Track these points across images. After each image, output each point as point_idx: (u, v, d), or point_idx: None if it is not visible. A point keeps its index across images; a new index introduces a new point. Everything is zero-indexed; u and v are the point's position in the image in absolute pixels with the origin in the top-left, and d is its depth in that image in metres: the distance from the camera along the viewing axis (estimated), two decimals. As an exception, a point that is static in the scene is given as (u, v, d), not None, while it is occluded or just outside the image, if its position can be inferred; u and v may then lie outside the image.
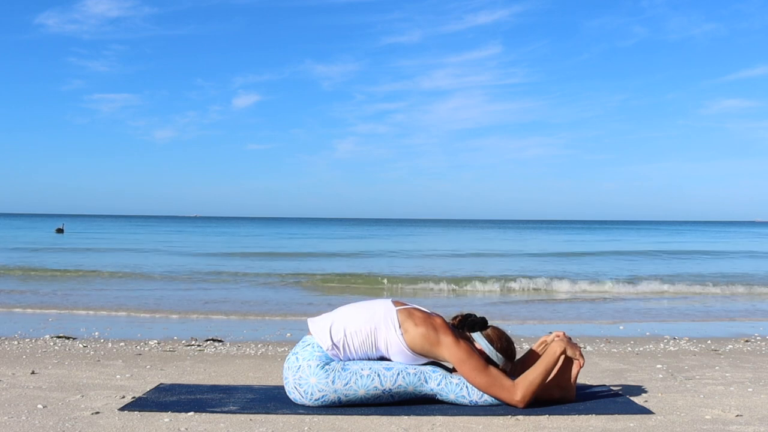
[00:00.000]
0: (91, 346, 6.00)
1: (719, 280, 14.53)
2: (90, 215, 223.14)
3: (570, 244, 37.34)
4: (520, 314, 9.75)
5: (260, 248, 29.52)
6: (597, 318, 9.32)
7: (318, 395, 3.32)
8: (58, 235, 43.74)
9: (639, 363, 5.10)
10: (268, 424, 3.09)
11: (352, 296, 11.85)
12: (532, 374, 3.34)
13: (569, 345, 3.46)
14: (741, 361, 5.25)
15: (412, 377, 3.34)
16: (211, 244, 33.68)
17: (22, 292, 11.85)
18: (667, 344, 6.50)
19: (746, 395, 3.80)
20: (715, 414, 3.33)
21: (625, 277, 15.92)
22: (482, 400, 3.36)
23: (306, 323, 3.55)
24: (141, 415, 3.22)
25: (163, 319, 8.67)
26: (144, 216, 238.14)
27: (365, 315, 3.39)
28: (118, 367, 4.73)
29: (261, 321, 8.73)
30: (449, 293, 12.65)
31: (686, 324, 8.67)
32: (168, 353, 5.62)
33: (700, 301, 11.56)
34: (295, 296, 12.16)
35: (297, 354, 3.39)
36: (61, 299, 10.84)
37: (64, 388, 3.84)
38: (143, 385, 4.00)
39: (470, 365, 3.27)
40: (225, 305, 10.46)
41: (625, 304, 11.10)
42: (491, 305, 10.89)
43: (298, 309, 10.10)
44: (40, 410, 3.28)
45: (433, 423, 3.11)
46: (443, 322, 3.38)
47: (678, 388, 4.01)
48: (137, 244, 32.95)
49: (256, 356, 5.55)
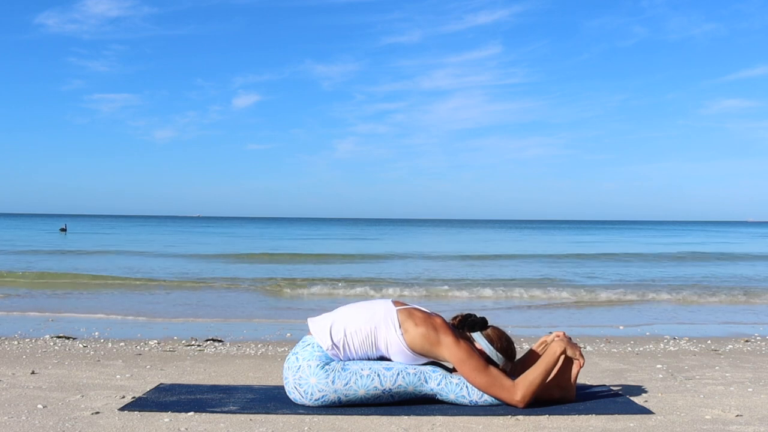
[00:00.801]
0: (91, 346, 6.00)
1: (719, 280, 14.53)
2: (90, 215, 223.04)
3: (572, 246, 37.36)
4: (531, 320, 9.75)
5: (270, 250, 28.98)
6: (596, 318, 9.33)
7: (318, 395, 3.32)
8: (63, 235, 44.75)
9: (639, 363, 5.10)
10: (268, 424, 3.09)
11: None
12: (532, 374, 3.35)
13: (569, 345, 3.46)
14: (741, 361, 5.25)
15: (412, 377, 3.35)
16: (218, 246, 33.28)
17: (34, 297, 11.86)
18: (667, 344, 6.50)
19: (746, 395, 3.80)
20: (715, 414, 3.33)
21: (624, 276, 15.92)
22: (482, 400, 3.36)
23: (306, 323, 3.55)
24: (141, 415, 3.22)
25: (163, 319, 8.67)
26: (144, 216, 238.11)
27: (365, 315, 3.39)
28: (118, 367, 4.73)
29: (261, 321, 8.73)
30: (456, 299, 12.65)
31: (686, 324, 8.67)
32: (168, 353, 5.62)
33: (699, 301, 11.56)
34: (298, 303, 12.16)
35: (297, 354, 3.40)
36: (63, 301, 10.84)
37: (64, 388, 3.84)
38: (143, 385, 4.00)
39: (470, 365, 3.27)
40: (226, 310, 10.46)
41: (627, 306, 11.10)
42: (490, 311, 10.89)
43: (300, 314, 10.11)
44: (40, 410, 3.28)
45: (433, 423, 3.11)
46: (443, 322, 3.38)
47: (678, 388, 4.01)
48: (145, 245, 32.18)
49: (256, 356, 5.55)
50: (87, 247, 28.82)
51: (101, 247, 29.21)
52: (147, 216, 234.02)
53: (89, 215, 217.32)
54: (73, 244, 31.67)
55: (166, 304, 10.54)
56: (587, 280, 15.40)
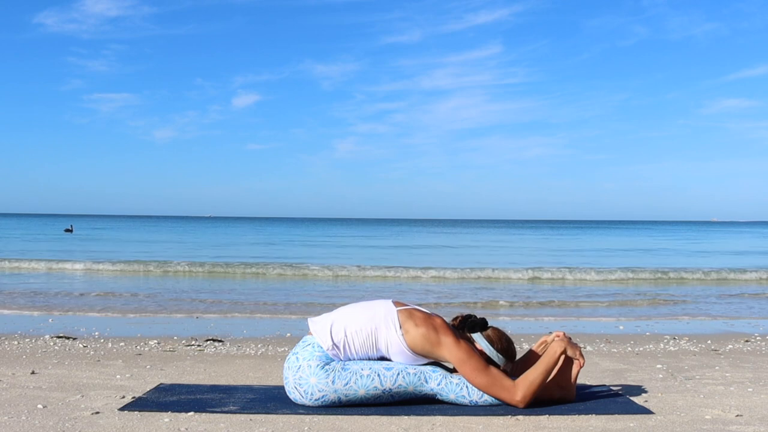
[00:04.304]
0: (91, 346, 6.00)
1: (718, 280, 14.53)
2: (89, 215, 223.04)
3: (572, 243, 37.36)
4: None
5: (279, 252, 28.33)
6: (597, 317, 9.33)
7: (318, 395, 3.32)
8: (69, 236, 41.89)
9: (639, 363, 5.10)
10: (268, 424, 3.09)
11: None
12: (532, 374, 3.35)
13: (569, 345, 3.46)
14: (741, 361, 5.25)
15: (412, 377, 3.35)
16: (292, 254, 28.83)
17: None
18: (667, 344, 6.50)
19: (746, 395, 3.80)
20: (715, 414, 3.33)
21: (624, 277, 15.93)
22: (482, 400, 3.36)
23: (306, 323, 3.55)
24: (141, 415, 3.22)
25: (164, 319, 8.67)
26: (144, 216, 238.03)
27: (366, 315, 3.40)
28: (118, 367, 4.73)
29: (261, 321, 8.73)
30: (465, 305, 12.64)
31: (686, 324, 8.67)
32: (168, 353, 5.62)
33: (700, 301, 11.56)
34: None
35: (297, 354, 3.40)
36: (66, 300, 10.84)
37: (64, 388, 3.84)
38: (143, 385, 4.00)
39: (471, 365, 3.28)
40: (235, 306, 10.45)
41: (625, 305, 11.11)
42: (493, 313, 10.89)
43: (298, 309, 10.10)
44: (40, 410, 3.29)
45: (433, 423, 3.11)
46: (443, 323, 3.38)
47: (678, 388, 4.01)
48: (165, 248, 28.59)
49: (256, 356, 5.55)
50: (113, 252, 23.58)
51: (131, 251, 25.10)
52: (147, 216, 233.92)
53: (89, 215, 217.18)
54: (90, 247, 28.67)
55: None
56: (588, 278, 15.39)
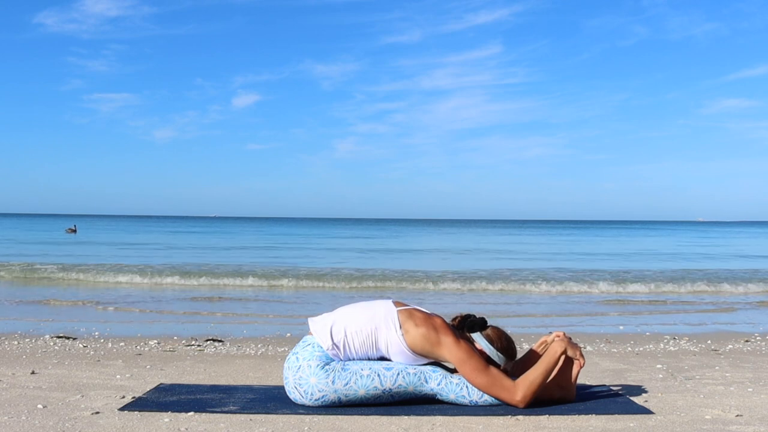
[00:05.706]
0: (91, 346, 6.00)
1: (718, 280, 14.52)
2: (89, 215, 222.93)
3: (572, 245, 37.36)
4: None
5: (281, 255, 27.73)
6: (597, 317, 9.33)
7: (318, 395, 3.32)
8: (72, 236, 40.84)
9: (639, 363, 5.10)
10: (268, 424, 3.09)
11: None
12: (532, 374, 3.35)
13: (570, 345, 3.46)
14: (741, 361, 5.25)
15: (412, 377, 3.35)
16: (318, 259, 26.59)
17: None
18: (667, 344, 6.50)
19: (746, 395, 3.80)
20: (715, 414, 3.33)
21: (624, 277, 15.92)
22: (482, 400, 3.36)
23: (307, 323, 3.55)
24: (141, 415, 3.22)
25: (164, 319, 8.67)
26: (144, 216, 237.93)
27: (366, 315, 3.39)
28: (118, 367, 4.73)
29: (261, 321, 8.73)
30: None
31: (686, 324, 8.67)
32: (168, 353, 5.62)
33: (700, 301, 11.56)
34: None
35: (297, 354, 3.40)
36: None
37: (64, 388, 3.84)
38: (143, 385, 4.00)
39: (471, 365, 3.28)
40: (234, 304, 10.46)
41: (627, 305, 11.11)
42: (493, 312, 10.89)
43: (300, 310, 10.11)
44: (40, 410, 3.29)
45: (433, 423, 3.11)
46: (443, 323, 3.38)
47: (678, 388, 4.01)
48: (175, 250, 26.62)
49: (256, 356, 5.55)
50: (137, 257, 21.24)
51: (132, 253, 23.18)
52: (147, 216, 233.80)
53: (89, 215, 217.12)
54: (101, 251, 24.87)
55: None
56: (587, 277, 15.38)
